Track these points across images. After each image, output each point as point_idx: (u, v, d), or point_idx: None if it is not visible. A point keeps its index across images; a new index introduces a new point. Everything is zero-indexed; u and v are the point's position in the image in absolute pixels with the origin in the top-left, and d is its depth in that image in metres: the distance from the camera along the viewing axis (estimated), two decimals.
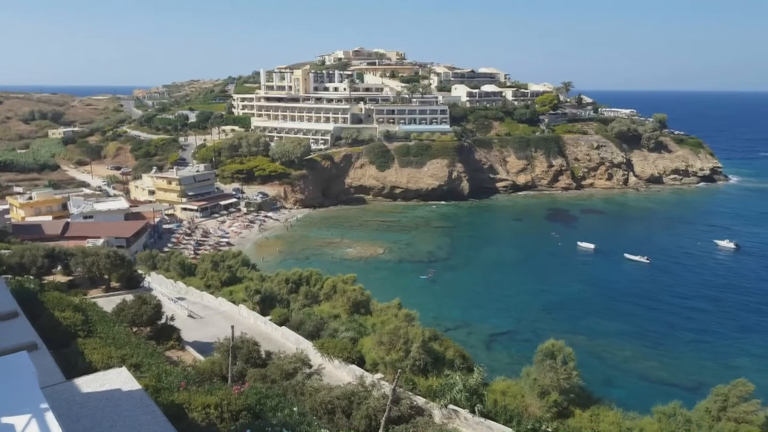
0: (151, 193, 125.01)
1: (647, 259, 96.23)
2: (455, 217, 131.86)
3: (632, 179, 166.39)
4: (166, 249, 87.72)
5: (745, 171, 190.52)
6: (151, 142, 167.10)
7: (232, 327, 24.14)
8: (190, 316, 40.10)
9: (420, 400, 22.96)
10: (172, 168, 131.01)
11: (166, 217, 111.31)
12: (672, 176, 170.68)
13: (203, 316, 40.62)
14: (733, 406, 21.97)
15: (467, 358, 30.65)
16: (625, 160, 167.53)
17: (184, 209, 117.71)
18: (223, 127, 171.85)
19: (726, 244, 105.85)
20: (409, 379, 25.13)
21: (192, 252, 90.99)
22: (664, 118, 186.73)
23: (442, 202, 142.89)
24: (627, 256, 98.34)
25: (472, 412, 22.24)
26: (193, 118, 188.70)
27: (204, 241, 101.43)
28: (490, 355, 59.91)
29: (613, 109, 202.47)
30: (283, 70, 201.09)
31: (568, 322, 70.67)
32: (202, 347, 30.79)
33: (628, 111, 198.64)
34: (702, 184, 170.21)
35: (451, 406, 22.58)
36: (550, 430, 21.28)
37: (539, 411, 23.35)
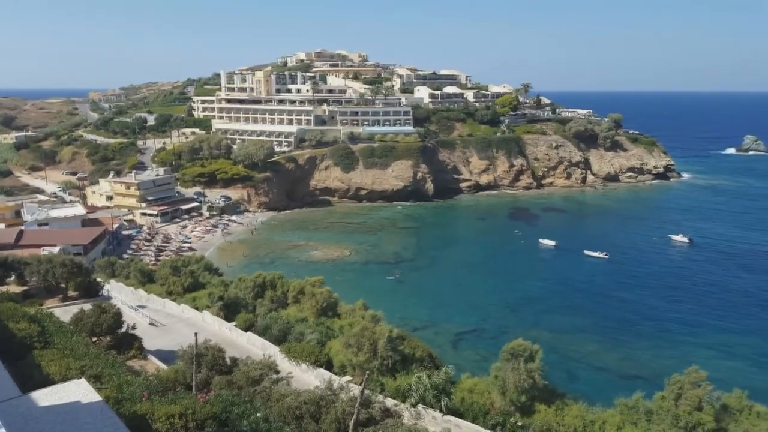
0: (109, 198, 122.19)
1: (606, 255, 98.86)
2: (420, 218, 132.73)
3: (590, 178, 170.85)
4: (125, 256, 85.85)
5: (697, 168, 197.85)
6: (108, 146, 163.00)
7: (196, 334, 23.68)
8: (151, 324, 39.19)
9: (389, 402, 23.00)
10: (131, 172, 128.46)
11: (125, 223, 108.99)
12: (628, 174, 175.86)
13: (165, 323, 39.74)
14: (687, 393, 22.80)
15: (434, 357, 30.88)
16: (582, 159, 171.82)
17: (144, 214, 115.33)
18: (183, 130, 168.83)
19: (680, 238, 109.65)
20: (377, 380, 25.16)
21: (153, 258, 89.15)
22: (619, 117, 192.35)
23: (407, 203, 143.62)
24: (586, 252, 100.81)
25: (441, 410, 22.42)
26: (151, 121, 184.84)
27: (165, 246, 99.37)
28: (457, 353, 60.49)
29: (570, 110, 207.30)
30: (245, 72, 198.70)
31: (531, 319, 72.07)
32: (165, 356, 30.14)
33: (584, 111, 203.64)
34: (656, 181, 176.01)
35: (419, 406, 22.71)
36: (519, 423, 21.66)
37: (504, 408, 23.71)
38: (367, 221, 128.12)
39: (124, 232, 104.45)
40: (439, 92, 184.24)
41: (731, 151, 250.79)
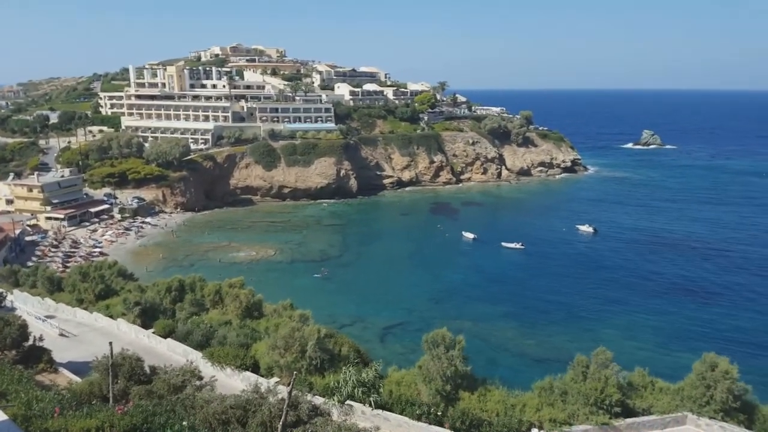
0: (9, 202, 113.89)
1: (521, 246, 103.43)
2: (345, 215, 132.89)
3: (505, 172, 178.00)
4: (30, 263, 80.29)
5: (602, 162, 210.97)
6: (6, 146, 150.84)
7: (111, 343, 22.53)
8: (61, 334, 36.87)
9: (318, 400, 22.95)
10: (33, 174, 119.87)
11: (28, 228, 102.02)
12: (539, 168, 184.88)
13: (77, 333, 37.53)
14: (594, 372, 24.49)
15: (362, 352, 31.15)
16: (497, 155, 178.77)
17: (49, 218, 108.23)
18: (90, 128, 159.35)
19: (586, 228, 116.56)
20: (305, 379, 25.05)
21: (60, 265, 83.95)
22: (530, 114, 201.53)
23: (332, 200, 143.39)
24: (503, 243, 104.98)
25: (369, 405, 22.68)
26: (54, 118, 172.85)
27: (74, 252, 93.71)
28: (385, 347, 61.32)
29: (484, 107, 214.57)
30: (155, 67, 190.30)
31: (454, 309, 74.28)
32: (79, 368, 28.50)
33: (498, 109, 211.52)
34: (565, 174, 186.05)
35: (348, 402, 22.84)
36: (440, 413, 22.32)
37: (428, 398, 24.35)
38: (291, 219, 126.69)
39: (28, 238, 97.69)
40: (359, 89, 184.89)
41: (631, 145, 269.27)
